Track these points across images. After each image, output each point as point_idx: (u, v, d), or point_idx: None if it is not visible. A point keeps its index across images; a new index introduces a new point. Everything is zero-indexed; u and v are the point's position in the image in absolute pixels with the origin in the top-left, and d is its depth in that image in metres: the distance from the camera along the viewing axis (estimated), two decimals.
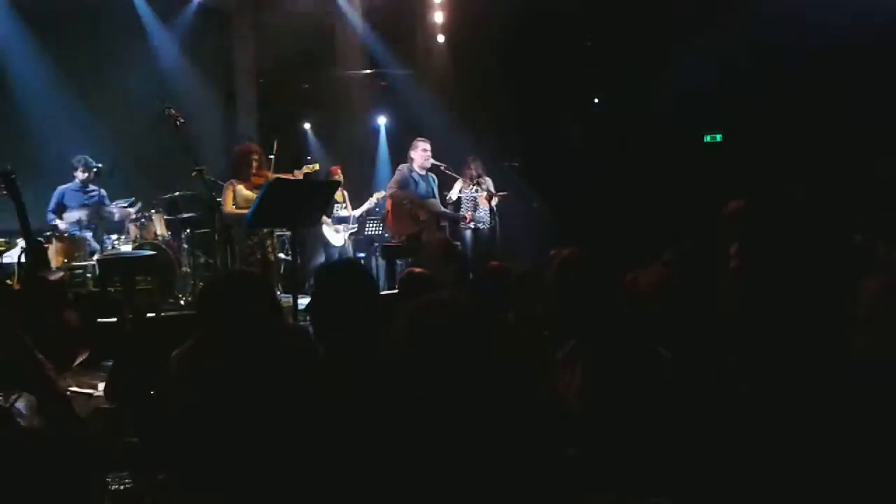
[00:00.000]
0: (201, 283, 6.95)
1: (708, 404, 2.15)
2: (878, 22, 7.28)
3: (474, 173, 7.46)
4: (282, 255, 7.62)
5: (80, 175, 7.30)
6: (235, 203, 6.30)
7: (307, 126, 10.29)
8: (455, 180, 7.51)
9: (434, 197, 7.17)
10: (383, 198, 8.23)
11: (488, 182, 7.52)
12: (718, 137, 10.21)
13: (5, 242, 6.68)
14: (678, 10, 8.85)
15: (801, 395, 1.78)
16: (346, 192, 8.33)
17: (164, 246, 7.30)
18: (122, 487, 1.87)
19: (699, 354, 2.36)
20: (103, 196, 7.37)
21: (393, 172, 7.18)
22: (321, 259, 9.20)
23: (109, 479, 1.87)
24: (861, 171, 7.84)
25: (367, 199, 8.30)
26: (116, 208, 7.42)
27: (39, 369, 1.66)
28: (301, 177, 7.71)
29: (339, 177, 7.99)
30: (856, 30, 7.33)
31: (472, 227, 7.45)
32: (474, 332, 1.31)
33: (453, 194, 7.46)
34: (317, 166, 7.47)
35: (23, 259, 6.22)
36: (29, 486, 1.57)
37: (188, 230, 7.52)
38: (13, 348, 1.66)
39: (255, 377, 1.61)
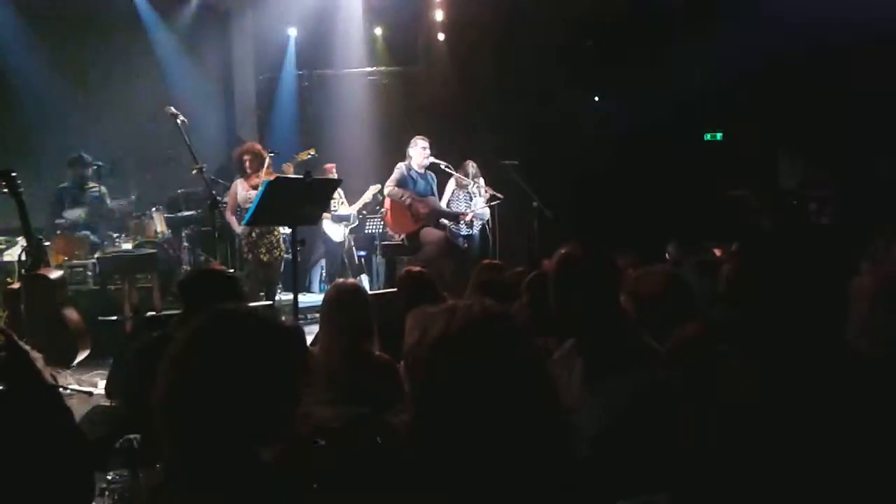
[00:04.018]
0: None
1: (710, 402, 2.15)
2: (879, 21, 7.28)
3: (470, 179, 7.40)
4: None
5: (74, 172, 7.27)
6: (238, 204, 6.43)
7: (307, 125, 10.29)
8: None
9: (433, 195, 7.16)
10: (379, 191, 8.22)
11: (481, 182, 7.48)
12: (719, 136, 10.23)
13: (6, 241, 6.68)
14: (679, 8, 8.86)
15: (801, 393, 1.78)
16: (341, 191, 8.32)
17: (164, 244, 7.30)
18: (120, 485, 1.87)
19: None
20: (103, 194, 7.37)
21: (392, 171, 7.16)
22: (321, 255, 9.22)
23: (109, 477, 1.87)
24: (861, 170, 7.85)
25: (363, 195, 8.32)
26: (116, 206, 7.41)
27: (25, 358, 1.66)
28: (292, 168, 7.77)
29: (334, 175, 7.99)
30: (856, 29, 7.33)
31: (469, 231, 7.35)
32: (501, 335, 1.31)
33: (445, 195, 7.44)
34: (312, 151, 7.49)
35: (23, 257, 6.21)
36: (17, 483, 1.57)
37: (189, 228, 7.52)
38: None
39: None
